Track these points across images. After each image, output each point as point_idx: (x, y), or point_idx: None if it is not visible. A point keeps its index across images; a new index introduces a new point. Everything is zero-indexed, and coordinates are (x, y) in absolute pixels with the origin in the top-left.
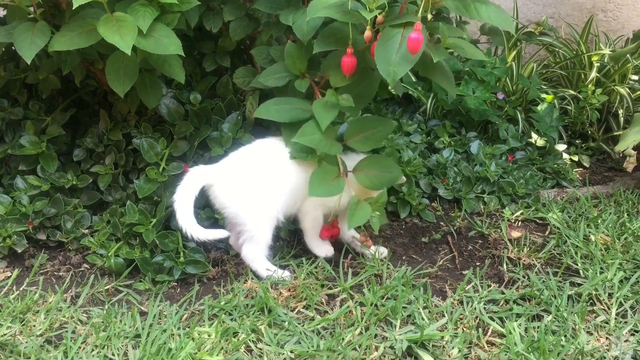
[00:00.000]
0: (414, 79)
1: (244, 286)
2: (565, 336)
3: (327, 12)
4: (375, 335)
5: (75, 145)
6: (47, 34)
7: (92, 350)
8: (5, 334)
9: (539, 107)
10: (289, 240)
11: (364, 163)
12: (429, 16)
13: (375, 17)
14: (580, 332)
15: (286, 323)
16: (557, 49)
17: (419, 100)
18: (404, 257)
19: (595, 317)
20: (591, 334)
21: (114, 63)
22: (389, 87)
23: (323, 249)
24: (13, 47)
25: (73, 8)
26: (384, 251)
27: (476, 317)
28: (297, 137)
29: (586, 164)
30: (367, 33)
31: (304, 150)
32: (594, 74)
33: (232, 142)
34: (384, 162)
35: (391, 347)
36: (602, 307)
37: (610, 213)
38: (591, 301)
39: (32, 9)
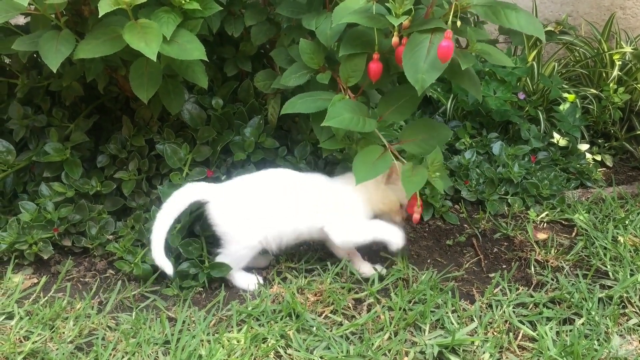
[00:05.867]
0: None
1: (271, 291)
2: (598, 340)
3: (352, 18)
4: (405, 340)
5: (98, 151)
6: (72, 42)
7: (123, 357)
8: (36, 341)
9: (561, 107)
10: (312, 244)
11: (408, 131)
12: (459, 23)
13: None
14: (613, 335)
15: (314, 328)
16: (577, 48)
17: (438, 101)
18: (429, 260)
19: (628, 320)
20: (624, 338)
21: (138, 69)
22: (418, 94)
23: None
24: (35, 55)
25: (99, 16)
26: (379, 268)
27: (506, 321)
28: (325, 120)
29: (609, 164)
30: (395, 39)
31: (337, 140)
32: (615, 72)
33: (255, 146)
34: (428, 123)
35: (421, 352)
36: (634, 310)
37: (638, 213)
38: (622, 304)
39: (55, 16)
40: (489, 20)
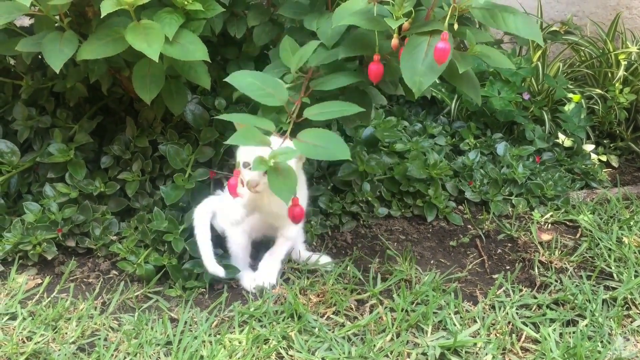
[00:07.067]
0: (437, 81)
1: (273, 292)
2: (601, 342)
3: (352, 20)
4: (407, 342)
5: (102, 152)
6: (75, 43)
7: (125, 357)
8: (38, 342)
9: (566, 107)
10: (315, 245)
11: (312, 133)
12: (456, 25)
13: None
14: (617, 337)
15: (316, 329)
16: (582, 48)
17: (442, 101)
18: (432, 261)
19: (632, 322)
20: (628, 340)
21: (141, 70)
22: (415, 96)
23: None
24: (40, 56)
25: (101, 17)
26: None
27: (509, 323)
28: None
29: (615, 164)
30: (394, 41)
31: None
32: (621, 72)
33: None
34: (333, 138)
35: (423, 354)
36: (638, 312)
37: None
38: (627, 305)
39: (58, 17)
40: (487, 23)
